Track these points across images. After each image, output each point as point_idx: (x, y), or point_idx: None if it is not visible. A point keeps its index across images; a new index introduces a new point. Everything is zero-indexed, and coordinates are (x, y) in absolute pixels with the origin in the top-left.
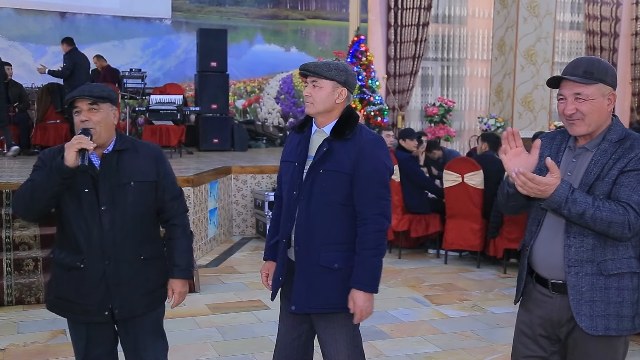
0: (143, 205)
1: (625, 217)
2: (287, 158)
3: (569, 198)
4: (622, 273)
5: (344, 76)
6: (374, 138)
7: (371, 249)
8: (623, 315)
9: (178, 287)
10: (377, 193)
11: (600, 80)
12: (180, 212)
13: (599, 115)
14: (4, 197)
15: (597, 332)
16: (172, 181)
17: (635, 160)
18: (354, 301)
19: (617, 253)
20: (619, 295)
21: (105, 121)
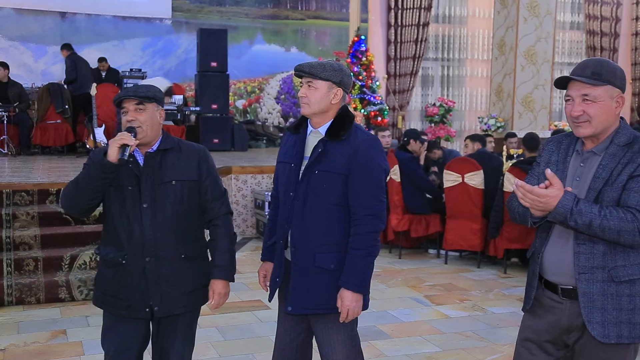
0: (184, 204)
1: (635, 224)
2: (283, 159)
3: (574, 210)
4: (633, 279)
5: (339, 76)
6: (368, 138)
7: (362, 250)
8: (635, 323)
9: (218, 287)
10: (371, 194)
11: (608, 81)
12: (223, 212)
13: (606, 118)
14: (4, 197)
15: (609, 340)
16: (215, 181)
17: None
18: (342, 300)
19: (628, 259)
20: (630, 302)
21: (151, 120)
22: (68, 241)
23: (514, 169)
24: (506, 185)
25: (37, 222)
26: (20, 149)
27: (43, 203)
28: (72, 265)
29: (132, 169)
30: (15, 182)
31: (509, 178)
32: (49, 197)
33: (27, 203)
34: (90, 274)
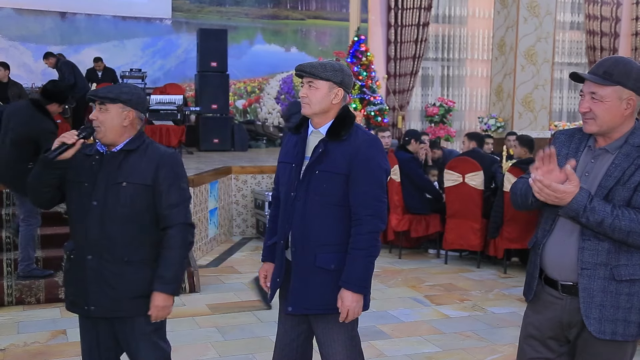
0: (134, 207)
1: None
2: (284, 159)
3: (588, 207)
4: (634, 279)
5: (340, 76)
6: (369, 139)
7: (363, 250)
8: (630, 321)
9: (157, 300)
10: (371, 194)
11: (618, 82)
12: (178, 221)
13: (612, 118)
14: (4, 197)
15: (604, 337)
16: (172, 189)
17: None
18: (342, 300)
19: (631, 259)
20: (628, 301)
21: (112, 122)
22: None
23: (514, 169)
24: (506, 185)
25: None
26: None
27: None
28: None
29: (93, 166)
30: None
31: (509, 178)
32: None
33: None
34: None
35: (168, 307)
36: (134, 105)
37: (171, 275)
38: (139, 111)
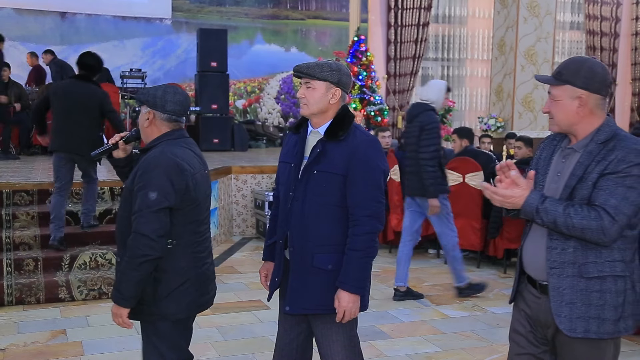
0: (126, 209)
1: (599, 223)
2: (284, 159)
3: (540, 208)
4: (604, 276)
5: (337, 76)
6: (367, 139)
7: (360, 250)
8: (604, 318)
9: (112, 307)
10: (369, 195)
11: (567, 81)
12: (133, 230)
13: (566, 117)
14: (4, 197)
15: (575, 334)
16: (138, 196)
17: (614, 163)
18: (339, 301)
19: (600, 256)
20: (600, 298)
21: (140, 122)
22: (68, 241)
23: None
24: None
25: (37, 222)
26: (20, 149)
27: (43, 203)
28: (72, 265)
29: None
30: (15, 182)
31: None
32: (49, 197)
33: (27, 203)
34: (90, 274)
35: (120, 314)
36: (151, 106)
37: (117, 283)
38: (159, 112)
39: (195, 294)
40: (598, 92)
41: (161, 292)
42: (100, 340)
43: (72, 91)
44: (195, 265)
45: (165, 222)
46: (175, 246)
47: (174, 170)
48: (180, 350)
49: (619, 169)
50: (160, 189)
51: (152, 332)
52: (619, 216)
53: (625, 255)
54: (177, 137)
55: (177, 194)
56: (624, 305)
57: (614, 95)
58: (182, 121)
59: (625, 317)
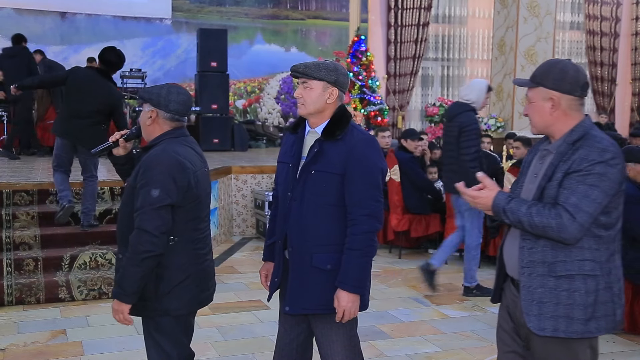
0: (128, 206)
1: (558, 221)
2: (282, 159)
3: (506, 208)
4: (572, 275)
5: (333, 76)
6: (365, 138)
7: (358, 250)
8: (573, 318)
9: (113, 304)
10: (367, 194)
11: (539, 83)
12: (136, 226)
13: (540, 119)
14: (4, 197)
15: (544, 333)
16: (143, 192)
17: (577, 161)
18: (338, 300)
19: (569, 255)
20: (569, 297)
21: (141, 120)
22: (68, 241)
23: (514, 168)
24: (506, 185)
25: (37, 222)
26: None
27: (43, 203)
28: (72, 265)
29: None
30: (15, 182)
31: (509, 178)
32: (49, 197)
33: (27, 203)
34: (90, 273)
35: (121, 311)
36: (155, 105)
37: (119, 279)
38: (162, 110)
39: (196, 290)
40: (570, 92)
41: (163, 288)
42: (100, 340)
43: (93, 83)
44: (196, 261)
45: (168, 219)
46: (177, 243)
47: (176, 167)
48: (182, 346)
49: (581, 167)
50: (163, 186)
51: (154, 328)
52: (578, 214)
53: (599, 255)
54: (179, 136)
55: (179, 191)
56: (595, 305)
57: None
58: (184, 120)
59: (597, 318)
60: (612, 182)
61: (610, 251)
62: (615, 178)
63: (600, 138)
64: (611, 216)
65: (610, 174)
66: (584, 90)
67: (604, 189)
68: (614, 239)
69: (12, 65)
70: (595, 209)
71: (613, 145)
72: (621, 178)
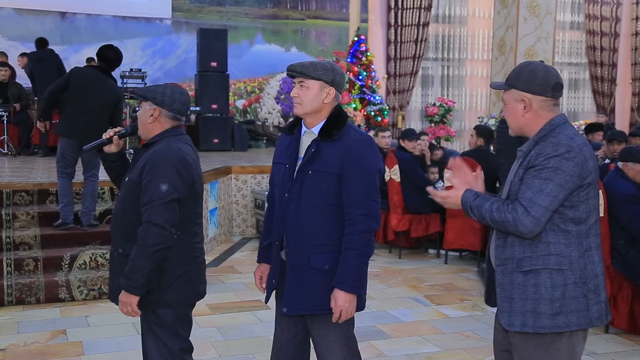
0: (129, 202)
1: (513, 215)
2: (278, 160)
3: (472, 205)
4: (537, 270)
5: (330, 75)
6: (361, 138)
7: (356, 250)
8: (540, 312)
9: (121, 294)
10: (364, 193)
11: (511, 85)
12: (145, 220)
13: (515, 120)
14: (4, 197)
15: (513, 328)
16: (150, 187)
17: (534, 157)
18: (335, 300)
19: (535, 250)
20: (536, 292)
21: (141, 117)
22: (68, 241)
23: None
24: None
25: (37, 222)
26: (20, 149)
27: (43, 203)
28: (72, 265)
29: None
30: (15, 182)
31: None
32: (49, 197)
33: (27, 203)
34: (90, 273)
35: (129, 303)
36: (158, 103)
37: (127, 272)
38: (165, 109)
39: (195, 281)
40: (540, 93)
41: (165, 280)
42: (100, 340)
43: (95, 82)
44: (195, 255)
45: (176, 213)
46: (179, 236)
47: (182, 163)
48: (182, 339)
49: (537, 162)
50: (170, 180)
51: (154, 321)
52: (532, 208)
53: (568, 250)
54: (179, 134)
55: (185, 186)
56: (563, 300)
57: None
58: (182, 120)
59: (566, 312)
60: (568, 175)
61: (585, 247)
62: (572, 171)
63: (558, 133)
64: (578, 210)
65: (565, 167)
66: (555, 90)
67: (559, 182)
68: (587, 234)
69: (43, 68)
70: (551, 202)
71: (571, 139)
72: (580, 171)
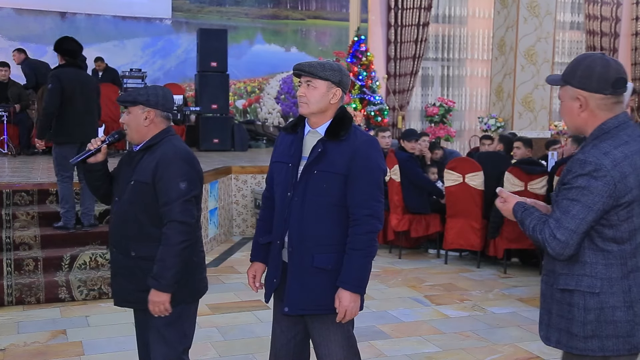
0: (138, 204)
1: (543, 236)
2: (280, 159)
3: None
4: (570, 290)
5: (338, 76)
6: (368, 139)
7: (361, 250)
8: (573, 333)
9: (151, 295)
10: (369, 194)
11: (566, 82)
12: (170, 219)
13: (570, 119)
14: (4, 197)
15: (549, 343)
16: (167, 187)
17: (565, 173)
18: (340, 300)
19: (571, 269)
20: (569, 312)
21: (134, 122)
22: (68, 241)
23: (514, 169)
24: (506, 186)
25: (37, 222)
26: (20, 149)
27: (43, 203)
28: (72, 265)
29: (123, 165)
30: (15, 182)
31: (509, 178)
32: (49, 197)
33: (27, 203)
34: (90, 274)
35: (162, 302)
36: (152, 105)
37: (157, 270)
38: (159, 110)
39: (199, 277)
40: (598, 91)
41: None
42: (100, 340)
43: (79, 80)
44: (200, 249)
45: (197, 209)
46: None
47: (193, 161)
48: (186, 338)
49: (566, 179)
50: (188, 178)
51: (162, 321)
52: (559, 231)
53: (607, 271)
54: (174, 134)
55: (199, 182)
56: (597, 324)
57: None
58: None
59: (601, 337)
60: (597, 196)
61: (630, 267)
62: (601, 191)
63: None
64: (619, 229)
65: (593, 187)
66: (616, 87)
67: (586, 204)
68: (633, 254)
69: None
70: (578, 225)
71: (604, 155)
72: (612, 190)
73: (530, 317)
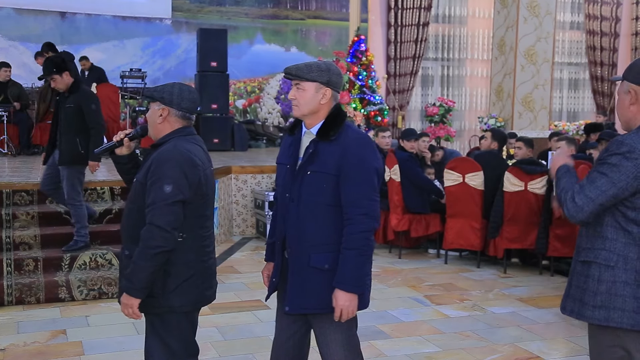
0: (135, 203)
1: (565, 197)
2: (281, 160)
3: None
4: (589, 262)
5: (326, 76)
6: (358, 137)
7: (355, 249)
8: (584, 302)
9: (122, 297)
10: (362, 193)
11: (624, 77)
12: (149, 221)
13: (621, 112)
14: (4, 197)
15: (564, 312)
16: (154, 188)
17: (602, 152)
18: (336, 300)
19: (594, 243)
20: (585, 282)
21: (151, 118)
22: (68, 241)
23: (514, 169)
24: (506, 185)
25: (37, 222)
26: (20, 149)
27: (43, 203)
28: (72, 265)
29: None
30: (15, 182)
31: (509, 178)
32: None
33: (27, 203)
34: (90, 273)
35: (131, 305)
36: (167, 103)
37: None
38: (174, 109)
39: (201, 286)
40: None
41: (170, 284)
42: (100, 340)
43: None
44: (202, 259)
45: (179, 215)
46: (185, 239)
47: (188, 164)
48: (188, 342)
49: (602, 156)
50: (175, 182)
51: (159, 325)
52: (579, 196)
53: (625, 249)
54: (188, 134)
55: (190, 187)
56: (608, 295)
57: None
58: (192, 119)
59: (608, 308)
60: (623, 175)
61: None
62: (628, 171)
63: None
64: None
65: (622, 166)
66: None
67: (612, 179)
68: None
69: None
70: (597, 195)
71: (638, 141)
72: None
73: (530, 317)
